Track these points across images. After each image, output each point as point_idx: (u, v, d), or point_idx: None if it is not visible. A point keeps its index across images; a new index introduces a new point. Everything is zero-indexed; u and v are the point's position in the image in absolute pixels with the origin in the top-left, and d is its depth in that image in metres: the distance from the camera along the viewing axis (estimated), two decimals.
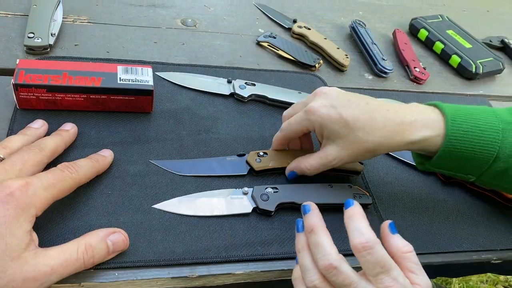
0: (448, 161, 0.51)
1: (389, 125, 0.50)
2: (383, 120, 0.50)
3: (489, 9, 1.17)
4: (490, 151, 0.50)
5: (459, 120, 0.50)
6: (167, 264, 0.46)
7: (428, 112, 0.52)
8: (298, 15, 0.88)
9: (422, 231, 0.56)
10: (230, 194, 0.53)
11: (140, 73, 0.57)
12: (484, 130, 0.50)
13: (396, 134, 0.50)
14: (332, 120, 0.50)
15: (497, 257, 0.57)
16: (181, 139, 0.58)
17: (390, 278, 0.40)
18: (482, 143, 0.50)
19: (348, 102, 0.51)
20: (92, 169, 0.48)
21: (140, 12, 0.77)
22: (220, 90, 0.66)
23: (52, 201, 0.43)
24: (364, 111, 0.51)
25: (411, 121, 0.51)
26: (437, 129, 0.50)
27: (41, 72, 0.53)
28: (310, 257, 0.44)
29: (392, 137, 0.50)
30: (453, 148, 0.50)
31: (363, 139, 0.50)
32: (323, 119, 0.51)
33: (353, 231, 0.42)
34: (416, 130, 0.50)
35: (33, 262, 0.38)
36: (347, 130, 0.50)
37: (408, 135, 0.50)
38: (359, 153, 0.51)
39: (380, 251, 0.41)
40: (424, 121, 0.51)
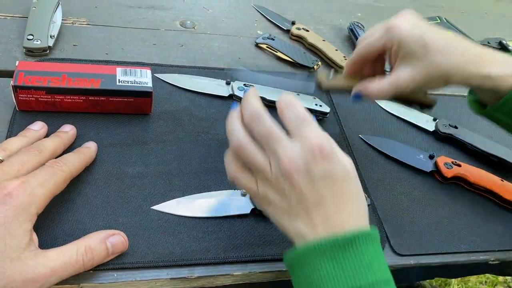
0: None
1: (468, 54, 0.49)
2: (462, 47, 0.50)
3: (487, 10, 1.17)
4: None
5: None
6: (166, 265, 0.46)
7: (506, 55, 0.51)
8: (297, 17, 0.88)
9: (420, 231, 0.57)
10: (228, 195, 0.53)
11: (139, 75, 0.57)
12: None
13: (474, 63, 0.49)
14: (413, 38, 0.50)
15: (494, 258, 0.57)
16: (180, 140, 0.58)
17: (311, 128, 0.40)
18: None
19: (429, 26, 0.51)
20: (79, 161, 0.49)
21: (139, 14, 0.78)
22: (219, 92, 0.66)
23: (50, 196, 0.43)
24: (444, 36, 0.50)
25: (491, 56, 0.50)
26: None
27: (41, 74, 0.53)
28: (239, 121, 0.43)
29: (469, 66, 0.49)
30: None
31: (439, 62, 0.49)
32: (404, 36, 0.50)
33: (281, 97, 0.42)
34: (494, 65, 0.49)
35: (33, 264, 0.38)
36: (425, 51, 0.49)
37: (486, 67, 0.49)
38: (433, 77, 0.50)
39: (300, 107, 0.41)
40: (502, 60, 0.50)
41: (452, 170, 0.63)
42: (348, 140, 0.66)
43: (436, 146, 0.70)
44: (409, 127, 0.72)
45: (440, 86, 0.52)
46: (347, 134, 0.67)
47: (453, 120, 0.72)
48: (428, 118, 0.73)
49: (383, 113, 0.73)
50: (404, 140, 0.69)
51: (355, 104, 0.72)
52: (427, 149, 0.68)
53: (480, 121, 0.75)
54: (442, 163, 0.64)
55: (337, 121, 0.69)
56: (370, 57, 0.55)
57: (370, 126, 0.70)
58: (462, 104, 0.80)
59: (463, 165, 0.64)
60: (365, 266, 0.37)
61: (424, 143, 0.70)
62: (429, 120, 0.73)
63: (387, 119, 0.72)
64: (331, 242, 0.37)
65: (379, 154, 0.65)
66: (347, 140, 0.66)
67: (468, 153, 0.70)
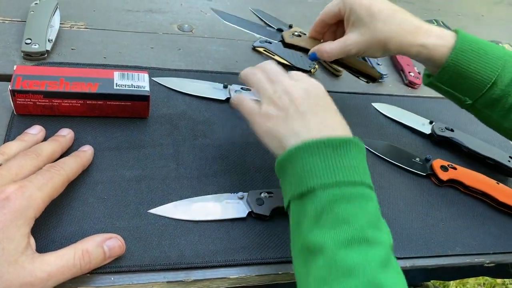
0: (452, 75, 0.56)
1: (407, 25, 0.56)
2: (403, 19, 0.57)
3: (484, 13, 1.18)
4: (491, 75, 0.54)
5: (470, 40, 0.56)
6: (163, 269, 0.46)
7: (445, 30, 0.58)
8: (294, 20, 0.88)
9: (416, 234, 0.57)
10: (225, 198, 0.53)
11: (136, 79, 0.57)
12: (489, 54, 0.55)
13: (410, 34, 0.56)
14: (361, 6, 0.57)
15: (490, 260, 0.58)
16: (177, 144, 0.58)
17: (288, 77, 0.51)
18: (485, 65, 0.54)
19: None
20: (76, 164, 0.49)
21: (137, 18, 0.78)
22: (216, 95, 0.66)
23: (48, 200, 0.43)
24: (390, 8, 0.57)
25: (427, 28, 0.57)
26: (449, 41, 0.56)
27: (38, 78, 0.53)
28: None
29: (406, 35, 0.56)
30: (458, 62, 0.55)
31: (380, 29, 0.56)
32: (355, 3, 0.57)
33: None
34: (430, 36, 0.56)
35: (30, 268, 0.38)
36: (370, 18, 0.56)
37: (421, 38, 0.56)
38: (373, 41, 0.57)
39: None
40: (438, 33, 0.57)
41: (448, 173, 0.64)
42: None
43: (432, 149, 0.70)
44: (405, 130, 0.73)
45: (380, 52, 0.59)
46: None
47: (449, 123, 0.72)
48: (424, 121, 0.73)
49: (379, 116, 0.74)
50: (400, 143, 0.69)
51: (352, 107, 0.73)
52: (423, 152, 0.69)
53: (476, 124, 0.75)
54: (438, 166, 0.64)
55: None
56: (328, 21, 0.63)
57: (367, 130, 0.70)
58: (458, 107, 0.81)
59: (459, 168, 0.65)
60: (352, 167, 0.42)
61: (420, 146, 0.70)
62: (425, 123, 0.73)
63: (384, 122, 0.73)
64: (324, 141, 0.42)
65: (375, 157, 0.66)
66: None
67: (464, 156, 0.70)
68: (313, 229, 0.40)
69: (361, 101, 0.75)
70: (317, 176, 0.41)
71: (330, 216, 0.40)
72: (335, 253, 0.38)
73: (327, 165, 0.42)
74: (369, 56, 0.63)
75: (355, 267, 0.37)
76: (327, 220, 0.40)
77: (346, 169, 0.42)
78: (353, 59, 0.66)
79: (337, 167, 0.42)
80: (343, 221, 0.39)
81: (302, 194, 0.42)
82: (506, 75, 0.55)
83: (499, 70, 0.54)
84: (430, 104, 0.80)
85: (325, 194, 0.41)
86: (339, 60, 0.63)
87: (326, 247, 0.38)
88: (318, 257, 0.39)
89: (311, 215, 0.41)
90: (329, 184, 0.41)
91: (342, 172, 0.41)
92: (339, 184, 0.41)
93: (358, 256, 0.38)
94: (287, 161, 0.44)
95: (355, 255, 0.38)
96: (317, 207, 0.40)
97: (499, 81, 0.55)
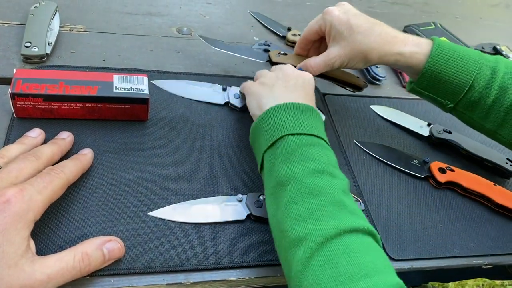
0: (430, 81, 0.59)
1: (384, 36, 0.60)
2: (381, 31, 0.60)
3: (482, 16, 1.18)
4: (467, 78, 0.57)
5: (445, 46, 0.58)
6: (162, 271, 0.46)
7: (421, 39, 0.61)
8: (292, 23, 0.89)
9: (414, 236, 0.57)
10: (224, 201, 0.54)
11: (135, 82, 0.58)
12: (464, 59, 0.58)
13: (388, 44, 0.59)
14: (340, 21, 0.60)
15: (488, 262, 0.58)
16: (176, 146, 0.59)
17: None
18: (461, 69, 0.57)
19: (358, 13, 0.62)
20: (76, 167, 0.49)
21: (136, 21, 0.78)
22: (215, 100, 0.67)
23: (48, 203, 0.44)
24: (368, 22, 0.60)
25: (404, 38, 0.60)
26: (425, 49, 0.59)
27: (38, 82, 0.53)
28: None
29: (384, 45, 0.59)
30: (435, 68, 0.58)
31: (360, 41, 0.59)
32: (334, 19, 0.60)
33: None
34: (406, 45, 0.59)
35: (30, 270, 0.38)
36: (350, 32, 0.59)
37: (398, 47, 0.59)
38: (354, 54, 0.60)
39: None
40: (415, 41, 0.60)
41: (446, 175, 0.64)
42: (343, 146, 0.67)
43: (430, 152, 0.71)
44: (404, 133, 0.73)
45: (362, 63, 0.62)
46: (342, 140, 0.67)
47: (447, 126, 0.73)
48: (422, 123, 0.74)
49: (378, 119, 0.74)
50: (398, 145, 0.70)
51: (350, 110, 0.73)
52: (421, 154, 0.69)
53: None
54: (436, 168, 0.65)
55: (332, 127, 0.69)
56: (311, 38, 0.66)
57: (365, 132, 0.70)
58: None
59: (457, 170, 0.65)
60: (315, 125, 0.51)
61: (418, 148, 0.71)
62: (423, 125, 0.73)
63: (382, 125, 0.73)
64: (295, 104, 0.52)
65: (373, 159, 0.66)
66: (342, 145, 0.67)
67: (461, 158, 0.70)
68: (284, 166, 0.47)
69: (360, 104, 0.76)
70: (287, 127, 0.50)
71: (298, 155, 0.47)
72: (303, 179, 0.45)
73: (296, 120, 0.50)
74: (351, 68, 0.65)
75: (322, 188, 0.44)
76: (296, 157, 0.47)
77: (310, 125, 0.51)
78: (338, 71, 0.68)
79: (303, 122, 0.50)
80: (310, 158, 0.47)
81: (274, 142, 0.49)
82: (482, 77, 0.57)
83: (475, 73, 0.57)
84: (428, 106, 0.80)
85: (294, 139, 0.49)
86: (323, 73, 0.66)
87: (296, 176, 0.46)
88: (288, 186, 0.45)
89: (282, 156, 0.48)
90: (297, 133, 0.49)
91: (308, 126, 0.50)
92: (305, 133, 0.49)
93: (324, 182, 0.45)
94: (263, 119, 0.52)
95: (321, 181, 0.45)
96: (287, 149, 0.48)
97: (476, 84, 0.57)
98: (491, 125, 0.60)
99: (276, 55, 0.68)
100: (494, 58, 0.59)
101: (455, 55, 0.58)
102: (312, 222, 0.42)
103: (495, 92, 0.57)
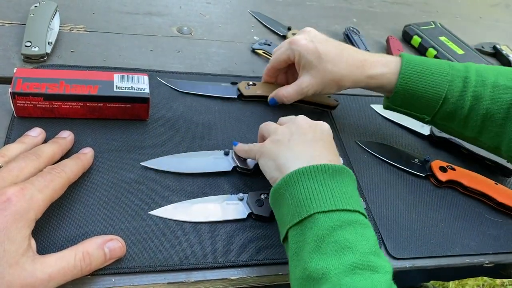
0: (404, 98, 0.59)
1: (353, 61, 0.60)
2: (349, 57, 0.60)
3: (482, 15, 1.18)
4: (440, 92, 0.57)
5: (414, 63, 0.59)
6: (163, 270, 0.46)
7: (390, 57, 0.61)
8: (293, 22, 0.89)
9: (415, 235, 0.57)
10: (225, 200, 0.53)
11: (136, 81, 0.57)
12: (434, 73, 0.58)
13: (358, 68, 0.60)
14: (308, 51, 0.60)
15: (489, 260, 0.58)
16: (177, 145, 0.58)
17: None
18: (432, 84, 0.57)
19: (325, 40, 0.61)
20: (77, 166, 0.49)
21: (136, 20, 0.78)
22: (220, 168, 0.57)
23: (49, 202, 0.43)
24: (336, 48, 0.60)
25: (373, 60, 0.60)
26: (394, 68, 0.59)
27: (38, 81, 0.53)
28: None
29: (354, 71, 0.60)
30: (406, 85, 0.58)
31: (330, 70, 0.59)
32: (302, 49, 0.60)
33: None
34: (375, 67, 0.60)
35: (31, 269, 0.38)
36: (319, 61, 0.59)
37: (368, 70, 0.59)
38: (326, 82, 0.60)
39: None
40: (383, 62, 0.60)
41: (447, 174, 0.64)
42: (344, 145, 0.66)
43: (431, 151, 0.71)
44: (404, 132, 0.73)
45: (335, 89, 0.62)
46: (343, 140, 0.67)
47: None
48: None
49: (378, 118, 0.74)
50: (399, 144, 0.70)
51: (351, 109, 0.73)
52: (422, 153, 0.69)
53: None
54: (437, 167, 0.65)
55: (333, 126, 0.69)
56: (279, 67, 0.66)
57: (366, 132, 0.70)
58: None
59: (458, 169, 0.65)
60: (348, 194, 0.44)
61: (419, 147, 0.71)
62: (424, 124, 0.73)
63: (383, 124, 0.73)
64: (322, 167, 0.45)
65: (374, 158, 0.66)
66: (343, 145, 0.66)
67: (462, 157, 0.70)
68: (315, 256, 0.40)
69: (360, 103, 0.76)
70: (316, 201, 0.42)
71: (331, 243, 0.40)
72: (340, 279, 0.38)
73: (326, 191, 0.43)
74: (325, 94, 0.65)
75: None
76: (329, 246, 0.40)
77: (343, 195, 0.43)
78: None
79: (335, 192, 0.43)
80: (346, 247, 0.39)
81: (302, 220, 0.42)
82: (455, 89, 0.57)
83: (446, 86, 0.57)
84: None
85: (326, 219, 0.41)
86: None
87: (330, 274, 0.38)
88: (322, 285, 0.38)
89: (312, 242, 0.40)
90: (329, 210, 0.42)
91: (340, 198, 0.43)
92: (338, 210, 0.42)
93: (364, 282, 0.37)
94: (286, 185, 0.45)
95: (361, 281, 0.37)
96: (317, 234, 0.41)
97: (449, 96, 0.57)
98: (471, 133, 0.60)
99: (246, 87, 0.68)
100: (464, 66, 0.59)
101: (425, 70, 0.58)
102: None
103: (469, 102, 0.57)
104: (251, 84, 0.68)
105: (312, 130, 0.51)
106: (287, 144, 0.49)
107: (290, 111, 0.56)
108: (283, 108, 0.68)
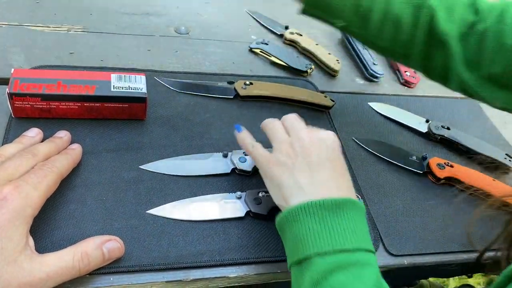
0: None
1: None
2: None
3: None
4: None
5: None
6: (162, 269, 0.46)
7: None
8: (290, 21, 0.89)
9: (413, 232, 0.57)
10: (223, 198, 0.54)
11: (133, 81, 0.58)
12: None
13: None
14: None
15: (487, 257, 0.58)
16: (175, 145, 0.59)
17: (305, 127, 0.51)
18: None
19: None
20: (67, 161, 0.49)
21: (134, 21, 0.78)
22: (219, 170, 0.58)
23: (44, 198, 0.44)
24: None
25: None
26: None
27: (36, 81, 0.53)
28: None
29: None
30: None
31: None
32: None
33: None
34: None
35: (29, 267, 0.38)
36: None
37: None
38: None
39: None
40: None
41: (444, 170, 0.64)
42: (341, 143, 0.66)
43: (429, 148, 0.71)
44: (402, 129, 0.73)
45: None
46: (340, 137, 0.67)
47: (445, 122, 0.73)
48: (420, 119, 0.74)
49: (376, 115, 0.74)
50: (397, 141, 0.70)
51: (348, 107, 0.73)
52: (419, 150, 0.69)
53: (473, 122, 0.76)
54: (435, 164, 0.65)
55: (330, 123, 0.69)
56: None
57: (363, 129, 0.71)
58: (454, 105, 0.81)
59: (456, 166, 0.65)
60: (350, 230, 0.41)
61: (417, 144, 0.71)
62: (421, 121, 0.73)
63: (380, 122, 0.73)
64: (323, 202, 0.42)
65: (372, 156, 0.66)
66: (341, 142, 0.66)
67: (460, 153, 0.71)
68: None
69: (358, 101, 0.76)
70: (313, 242, 0.41)
71: (326, 287, 0.39)
72: None
73: (324, 229, 0.41)
74: None
75: None
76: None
77: (343, 233, 0.41)
78: (305, 94, 0.70)
79: (334, 231, 0.41)
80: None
81: (300, 261, 0.42)
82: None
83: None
84: (426, 102, 0.80)
85: (322, 262, 0.40)
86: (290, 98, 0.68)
87: None
88: None
89: (309, 284, 0.40)
90: (325, 252, 0.41)
91: (339, 238, 0.41)
92: (335, 251, 0.40)
93: None
94: (287, 220, 0.44)
95: None
96: (313, 277, 0.40)
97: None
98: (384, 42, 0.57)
99: (242, 87, 0.67)
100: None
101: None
102: None
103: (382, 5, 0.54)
104: (248, 84, 0.68)
105: (317, 148, 0.48)
106: (291, 171, 0.47)
107: (287, 112, 0.55)
108: (280, 108, 0.68)
